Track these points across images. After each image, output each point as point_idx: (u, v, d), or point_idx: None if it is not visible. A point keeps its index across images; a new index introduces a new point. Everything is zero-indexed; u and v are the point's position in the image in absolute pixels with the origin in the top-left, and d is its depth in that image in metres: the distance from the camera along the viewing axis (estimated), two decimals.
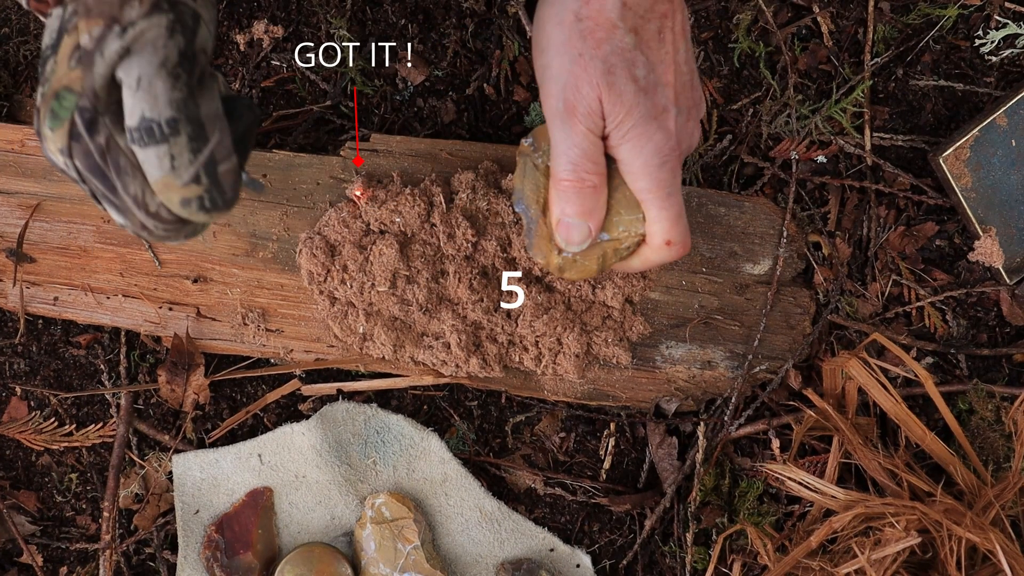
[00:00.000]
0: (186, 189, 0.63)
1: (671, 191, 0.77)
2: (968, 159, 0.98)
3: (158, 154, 0.61)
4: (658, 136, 0.74)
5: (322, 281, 0.97)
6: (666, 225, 0.78)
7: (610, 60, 0.72)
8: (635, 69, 0.73)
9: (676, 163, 0.76)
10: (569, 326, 0.96)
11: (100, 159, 0.63)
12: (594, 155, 0.75)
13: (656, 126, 0.74)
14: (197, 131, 0.62)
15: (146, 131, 0.61)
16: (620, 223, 0.79)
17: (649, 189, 0.76)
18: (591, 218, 0.78)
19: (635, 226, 0.79)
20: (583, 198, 0.77)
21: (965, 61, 1.03)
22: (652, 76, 0.74)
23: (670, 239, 0.79)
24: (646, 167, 0.75)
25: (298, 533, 1.00)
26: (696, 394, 1.00)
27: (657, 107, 0.74)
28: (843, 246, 1.01)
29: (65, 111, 0.61)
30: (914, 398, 1.01)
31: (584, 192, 0.77)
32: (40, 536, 1.03)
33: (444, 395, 1.03)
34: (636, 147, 0.74)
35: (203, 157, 0.63)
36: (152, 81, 0.60)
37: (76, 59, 0.61)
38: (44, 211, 0.99)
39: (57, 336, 1.03)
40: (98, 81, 0.61)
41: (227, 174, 0.64)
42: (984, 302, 1.02)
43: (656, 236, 0.79)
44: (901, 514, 0.87)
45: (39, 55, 0.62)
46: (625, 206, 0.78)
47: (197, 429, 1.03)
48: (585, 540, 1.03)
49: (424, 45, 1.03)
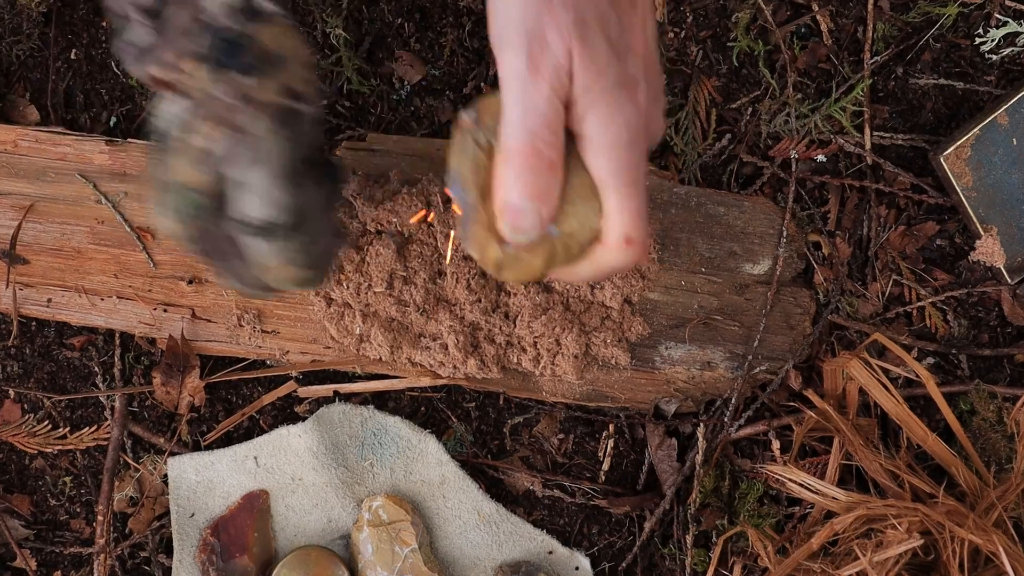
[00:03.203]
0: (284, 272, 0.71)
1: (636, 178, 0.66)
2: (969, 158, 0.98)
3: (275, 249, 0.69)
4: (629, 109, 0.64)
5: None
6: (627, 217, 0.66)
7: (583, 10, 0.62)
8: (608, 27, 0.63)
9: (644, 148, 0.66)
10: (567, 327, 0.95)
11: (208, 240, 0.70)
12: (555, 124, 0.63)
13: (627, 96, 0.64)
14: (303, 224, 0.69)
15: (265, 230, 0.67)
16: (573, 214, 0.67)
17: (614, 171, 0.65)
18: (544, 201, 0.65)
19: (590, 219, 0.67)
20: (538, 176, 0.64)
21: (965, 59, 1.02)
22: (623, 39, 0.64)
23: (631, 235, 0.67)
24: (614, 144, 0.64)
25: (294, 536, 0.99)
26: (696, 395, 1.00)
27: (628, 76, 0.64)
28: (843, 246, 1.01)
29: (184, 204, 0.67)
30: (915, 399, 1.01)
31: (540, 169, 0.64)
32: (34, 540, 1.03)
33: (442, 396, 1.02)
34: (605, 118, 0.64)
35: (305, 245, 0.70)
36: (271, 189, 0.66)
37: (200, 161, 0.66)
38: (37, 212, 0.99)
39: (51, 338, 1.03)
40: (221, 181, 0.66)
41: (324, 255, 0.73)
42: (985, 302, 1.02)
43: (614, 231, 0.67)
44: (903, 516, 0.87)
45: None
46: (580, 195, 0.66)
47: (192, 432, 1.02)
48: (584, 542, 1.02)
49: (421, 44, 1.03)
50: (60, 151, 0.98)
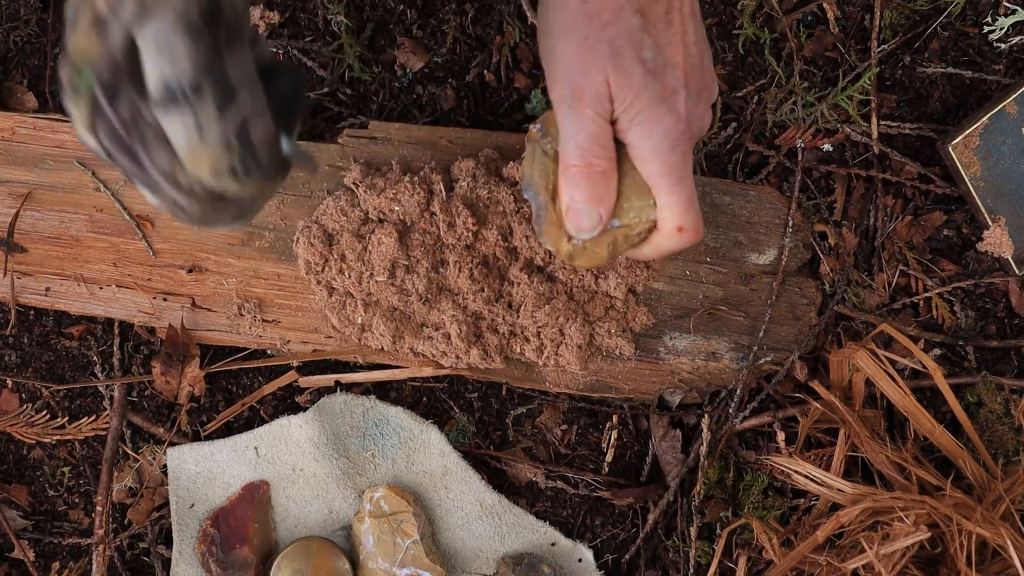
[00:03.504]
0: (216, 157, 0.58)
1: (682, 175, 0.75)
2: (977, 147, 0.97)
3: (183, 119, 0.57)
4: (668, 119, 0.73)
5: (320, 271, 0.96)
6: (677, 211, 0.76)
7: (616, 42, 0.71)
8: (642, 51, 0.71)
9: (687, 146, 0.75)
10: (571, 316, 0.95)
11: (125, 133, 0.59)
12: (603, 140, 0.74)
13: (666, 109, 0.73)
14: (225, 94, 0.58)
15: (168, 95, 0.56)
16: (631, 209, 0.77)
17: (660, 173, 0.75)
18: (601, 204, 0.76)
19: (646, 212, 0.77)
20: (593, 184, 0.75)
21: (974, 48, 1.02)
22: (660, 58, 0.72)
23: (682, 225, 0.77)
24: (656, 151, 0.74)
25: (295, 527, 0.99)
26: (700, 386, 0.99)
27: (666, 89, 0.72)
28: (849, 236, 1.00)
29: (84, 84, 0.58)
30: (921, 390, 1.00)
31: (593, 178, 0.75)
32: (32, 531, 1.02)
33: (444, 387, 1.02)
34: (645, 130, 0.73)
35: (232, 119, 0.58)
36: (171, 39, 0.56)
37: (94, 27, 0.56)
38: (35, 200, 0.98)
39: (49, 327, 1.02)
40: (115, 46, 0.56)
41: (262, 139, 0.60)
42: (993, 293, 1.01)
43: (667, 222, 0.77)
44: (910, 508, 0.86)
45: (60, 65, 0.60)
46: (636, 192, 0.77)
47: (192, 422, 1.02)
48: (587, 534, 1.02)
49: (423, 31, 1.02)
50: (58, 138, 0.97)
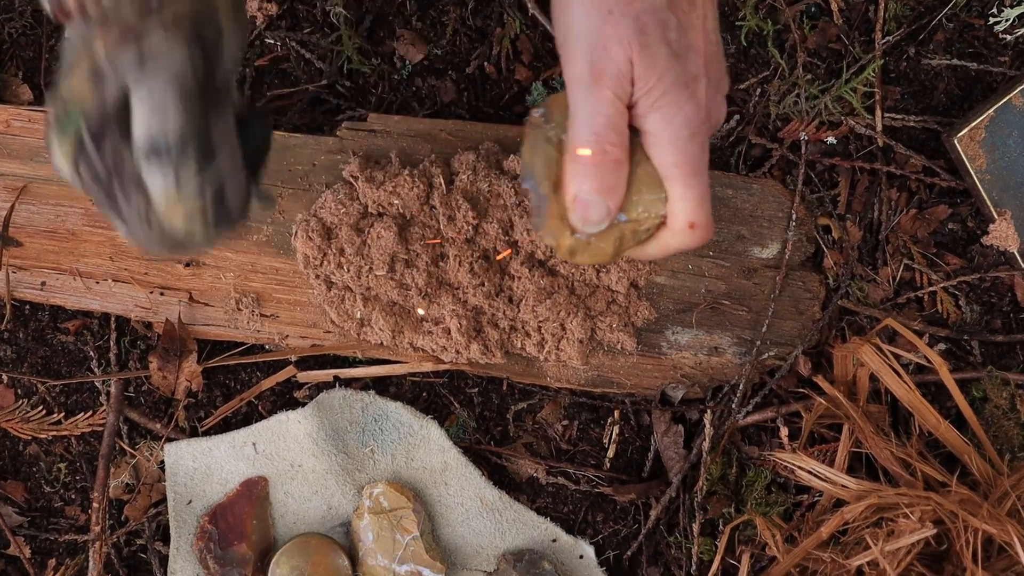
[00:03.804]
0: (190, 210, 0.63)
1: (698, 168, 0.71)
2: (983, 140, 0.96)
3: (164, 173, 0.62)
4: (689, 106, 0.69)
5: (318, 265, 0.95)
6: (691, 205, 0.72)
7: (642, 19, 0.66)
8: (668, 31, 0.67)
9: (705, 137, 0.71)
10: (573, 311, 0.94)
11: (105, 173, 0.63)
12: (619, 125, 0.69)
13: (688, 94, 0.69)
14: (205, 151, 0.62)
15: (153, 149, 0.61)
16: (640, 203, 0.72)
17: (677, 164, 0.71)
18: (611, 196, 0.71)
19: (656, 207, 0.73)
20: (604, 173, 0.70)
21: (979, 39, 1.01)
22: (684, 40, 0.68)
23: (694, 221, 0.73)
24: (675, 139, 0.70)
25: (294, 524, 0.99)
26: (703, 381, 0.98)
27: (688, 74, 0.68)
28: (853, 229, 1.00)
29: (72, 125, 0.62)
30: (925, 385, 1.00)
31: (606, 166, 0.70)
32: (28, 527, 1.02)
33: (444, 382, 1.01)
34: (666, 116, 0.69)
35: (211, 177, 0.63)
36: (164, 100, 0.60)
37: (91, 77, 0.61)
38: (31, 193, 0.97)
39: (45, 322, 1.02)
40: (109, 97, 0.61)
41: (234, 192, 0.64)
42: (998, 287, 1.01)
43: (679, 217, 0.73)
44: (915, 505, 0.85)
45: (55, 57, 0.64)
46: (647, 184, 0.72)
47: (190, 417, 1.01)
48: (588, 530, 1.02)
49: (423, 22, 1.01)
50: None
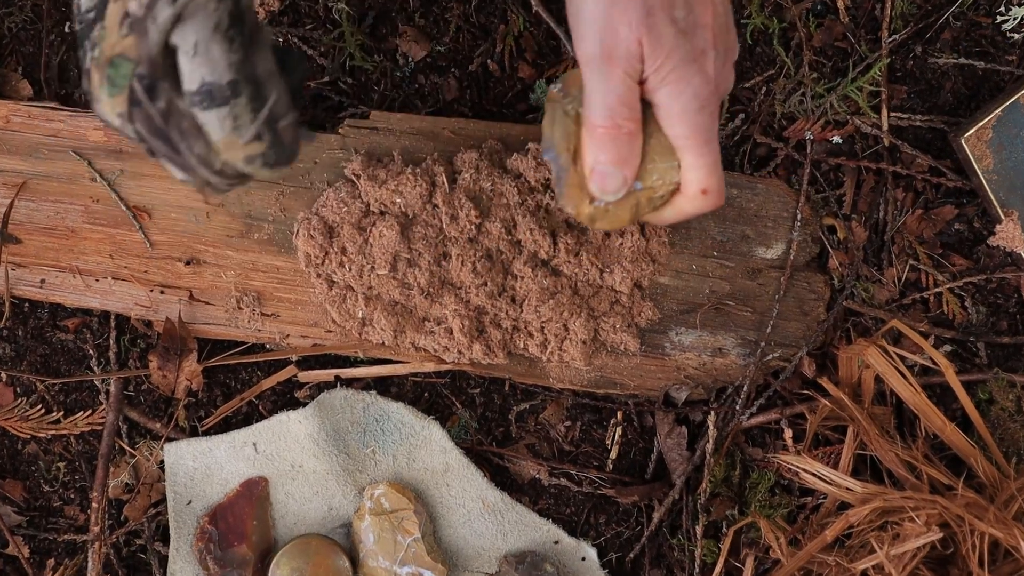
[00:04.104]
0: (249, 147, 0.66)
1: (709, 137, 0.75)
2: (990, 140, 0.95)
3: (219, 116, 0.64)
4: (697, 80, 0.72)
5: (320, 264, 0.94)
6: (703, 172, 0.77)
7: (649, 1, 0.70)
8: (674, 10, 0.71)
9: (714, 107, 0.75)
10: (576, 311, 0.93)
11: (162, 123, 0.65)
12: (630, 100, 0.74)
13: (695, 69, 0.72)
14: (256, 91, 0.65)
15: (207, 95, 0.63)
16: (655, 171, 0.77)
17: (687, 135, 0.75)
18: (626, 166, 0.76)
19: (670, 174, 0.77)
20: (619, 145, 0.75)
21: (986, 38, 1.00)
22: (691, 17, 0.71)
23: (706, 187, 0.77)
24: (685, 112, 0.74)
25: (294, 524, 0.98)
26: (706, 382, 0.98)
27: (696, 49, 0.72)
28: (859, 230, 0.99)
29: (123, 78, 0.63)
30: (931, 387, 0.99)
31: (620, 139, 0.75)
32: (26, 527, 1.02)
33: (446, 382, 1.01)
34: (675, 91, 0.73)
35: (263, 115, 0.65)
36: (208, 46, 0.62)
37: (127, 26, 0.62)
38: (30, 190, 0.97)
39: (44, 320, 1.01)
40: (153, 48, 0.62)
41: (287, 129, 0.67)
42: (1005, 288, 1.00)
43: (692, 184, 0.77)
44: (921, 508, 0.85)
45: (74, 16, 0.66)
46: (660, 153, 0.77)
47: (190, 417, 1.01)
48: (591, 532, 1.01)
49: (425, 19, 1.01)
50: (53, 127, 0.96)
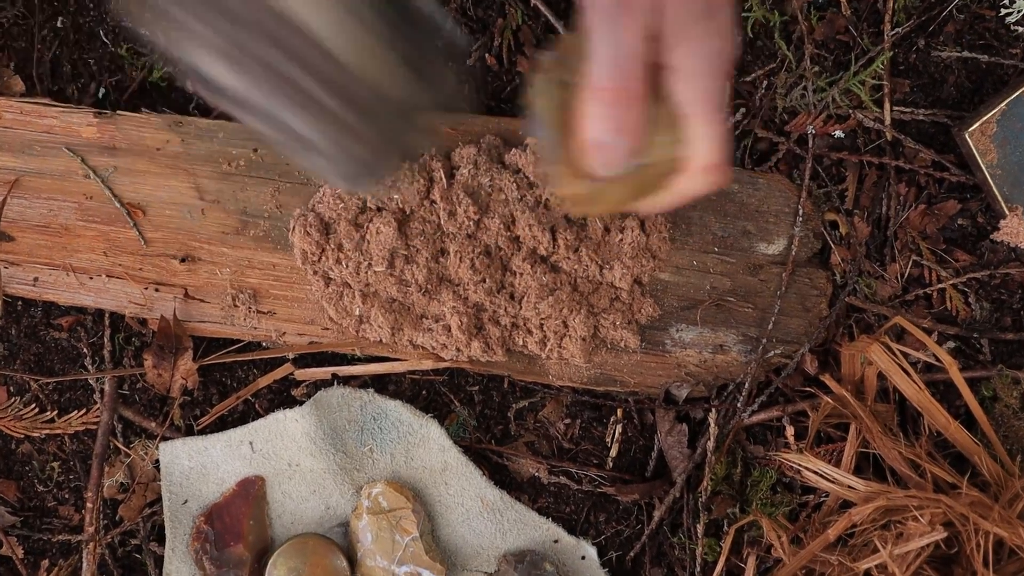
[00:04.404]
0: None
1: (720, 105, 0.69)
2: (994, 134, 0.94)
3: None
4: (715, 39, 0.66)
5: (316, 260, 0.94)
6: (711, 144, 0.69)
7: None
8: None
9: (726, 75, 0.69)
10: (575, 308, 0.93)
11: None
12: (642, 59, 0.66)
13: (715, 27, 0.66)
14: None
15: None
16: (656, 145, 0.69)
17: (698, 100, 0.68)
18: (630, 135, 0.68)
19: (671, 149, 0.70)
20: (625, 110, 0.67)
21: (990, 31, 0.99)
22: None
23: (713, 161, 0.70)
24: (701, 73, 0.67)
25: (291, 524, 0.98)
26: (707, 379, 0.97)
27: (713, 6, 0.66)
28: (861, 225, 0.98)
29: None
30: (934, 384, 0.98)
31: (629, 103, 0.67)
32: (21, 527, 1.01)
33: (444, 380, 1.00)
34: (694, 49, 0.66)
35: None
36: None
37: None
38: (23, 187, 0.96)
39: (37, 318, 1.01)
40: None
41: None
42: (1008, 284, 0.99)
43: (699, 157, 0.70)
44: (925, 507, 0.84)
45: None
46: (664, 126, 0.69)
47: (185, 415, 1.01)
48: (591, 531, 1.01)
49: None
50: (46, 123, 0.96)
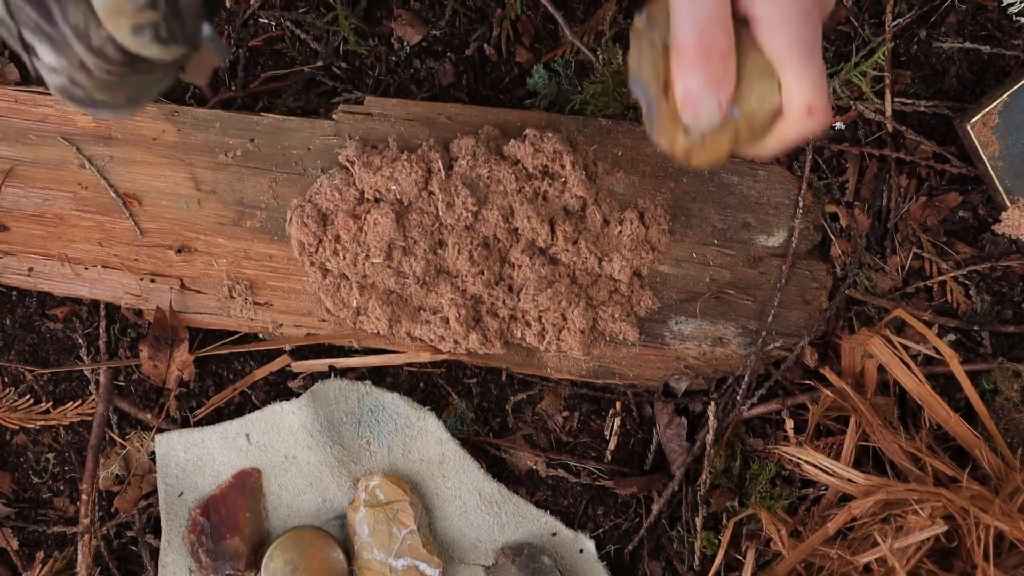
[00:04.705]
0: (139, 14, 0.56)
1: (813, 50, 0.68)
2: (996, 126, 0.94)
3: None
4: None
5: (313, 252, 0.93)
6: (808, 88, 0.69)
7: None
8: None
9: (817, 20, 0.68)
10: (574, 300, 0.92)
11: None
12: (722, 17, 0.67)
13: None
14: None
15: None
16: (752, 93, 0.70)
17: (789, 47, 0.67)
18: (720, 89, 0.69)
19: (770, 97, 0.70)
20: (711, 66, 0.68)
21: (992, 22, 0.99)
22: None
23: (812, 104, 0.69)
24: (787, 21, 0.67)
25: (288, 516, 0.97)
26: (707, 372, 0.97)
27: None
28: (862, 217, 0.98)
29: None
30: (934, 377, 0.98)
31: (712, 59, 0.67)
32: (15, 519, 1.01)
33: (442, 372, 1.00)
34: None
35: None
36: None
37: None
38: (17, 176, 0.96)
39: (32, 309, 1.00)
40: None
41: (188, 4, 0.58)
42: (1010, 276, 0.99)
43: (796, 102, 0.70)
44: (925, 500, 0.83)
45: None
46: (758, 74, 0.69)
47: (181, 407, 1.00)
48: (589, 524, 1.00)
49: (421, 3, 0.99)
50: (41, 112, 0.95)
